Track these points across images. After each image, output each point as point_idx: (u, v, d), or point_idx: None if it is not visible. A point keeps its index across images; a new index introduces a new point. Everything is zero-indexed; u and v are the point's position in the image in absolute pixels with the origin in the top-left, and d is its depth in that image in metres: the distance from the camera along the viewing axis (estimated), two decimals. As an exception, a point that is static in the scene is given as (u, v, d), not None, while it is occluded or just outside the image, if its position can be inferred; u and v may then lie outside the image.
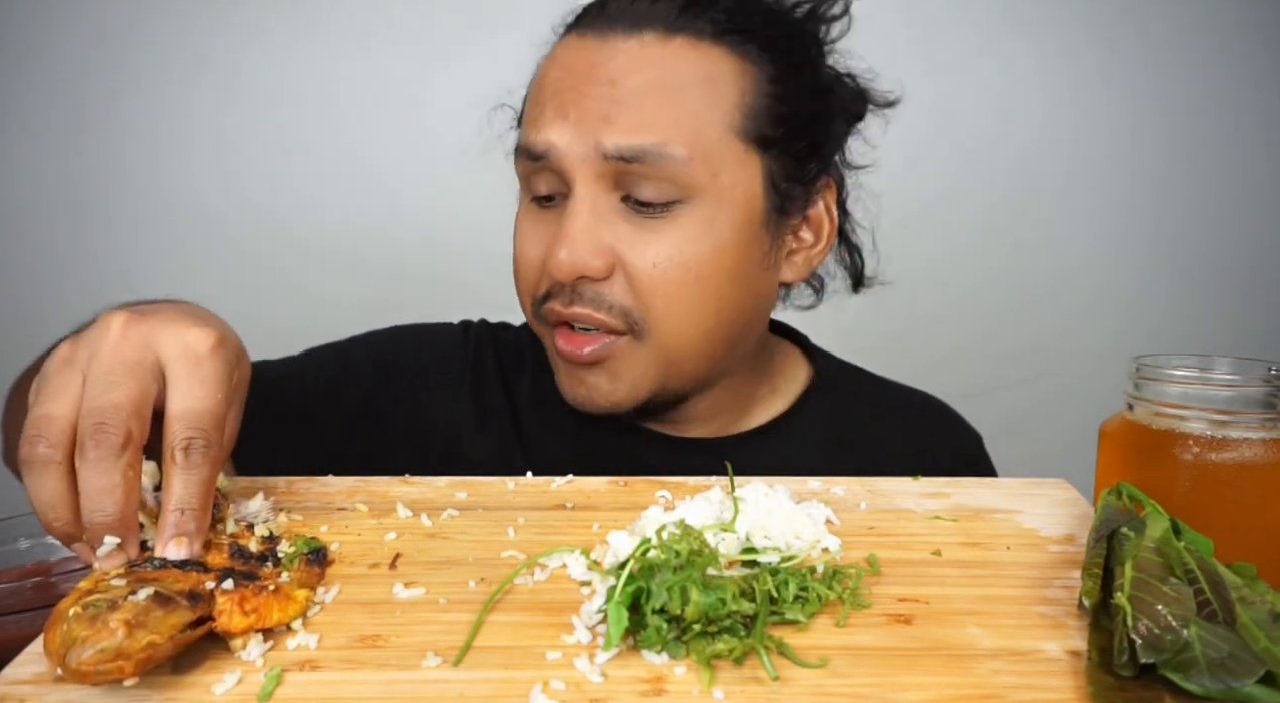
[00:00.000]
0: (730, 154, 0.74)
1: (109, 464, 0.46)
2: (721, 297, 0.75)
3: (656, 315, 0.74)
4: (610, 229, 0.73)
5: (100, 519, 0.46)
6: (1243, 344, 1.71)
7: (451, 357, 0.91)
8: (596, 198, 0.73)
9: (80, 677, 0.39)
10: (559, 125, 0.72)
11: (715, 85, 0.73)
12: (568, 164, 0.73)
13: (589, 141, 0.71)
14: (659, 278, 0.73)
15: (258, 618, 0.44)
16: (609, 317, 0.74)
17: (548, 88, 0.75)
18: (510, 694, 0.41)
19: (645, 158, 0.71)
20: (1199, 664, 0.40)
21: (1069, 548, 0.57)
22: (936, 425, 0.94)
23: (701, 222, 0.73)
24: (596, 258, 0.72)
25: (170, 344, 0.50)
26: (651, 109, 0.71)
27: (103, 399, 0.47)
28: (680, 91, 0.72)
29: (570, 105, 0.72)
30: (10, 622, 0.55)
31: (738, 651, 0.43)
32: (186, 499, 0.48)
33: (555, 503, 0.63)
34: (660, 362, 0.76)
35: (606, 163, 0.72)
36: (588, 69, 0.73)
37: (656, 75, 0.72)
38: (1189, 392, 0.56)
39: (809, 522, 0.55)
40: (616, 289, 0.74)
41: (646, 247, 0.73)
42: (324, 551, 0.52)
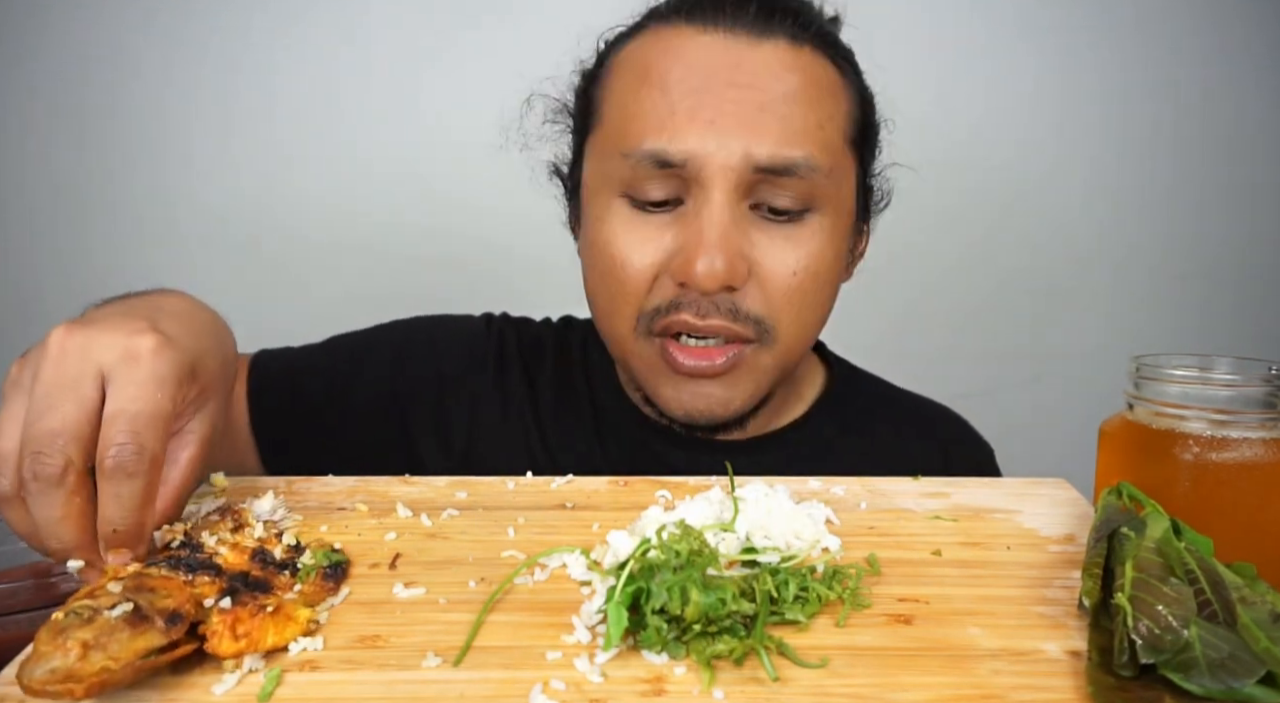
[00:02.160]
0: (846, 164, 0.76)
1: (51, 497, 0.46)
2: (829, 298, 0.78)
3: (787, 322, 0.74)
4: (745, 237, 0.71)
5: (57, 546, 0.46)
6: (1243, 344, 1.71)
7: (475, 348, 0.90)
8: (735, 205, 0.70)
9: (32, 693, 0.38)
10: (702, 131, 0.69)
11: (836, 95, 0.75)
12: (709, 171, 0.69)
13: (736, 150, 0.69)
14: (795, 286, 0.73)
15: (249, 643, 0.43)
16: (743, 327, 0.72)
17: (674, 87, 0.71)
18: (510, 694, 0.41)
19: (796, 169, 0.70)
20: (1199, 665, 0.40)
21: (1069, 548, 0.57)
22: (948, 436, 0.94)
23: (828, 229, 0.74)
24: (741, 264, 0.70)
25: (109, 349, 0.49)
26: (798, 118, 0.70)
27: (37, 427, 0.46)
28: (814, 102, 0.72)
29: (713, 109, 0.69)
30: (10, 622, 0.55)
31: (738, 651, 0.43)
32: (117, 516, 0.47)
33: (555, 503, 0.63)
34: (778, 365, 0.76)
35: (753, 173, 0.69)
36: (726, 70, 0.70)
37: (797, 84, 0.71)
38: (1189, 392, 0.56)
39: (809, 522, 0.55)
40: (750, 297, 0.72)
41: (784, 254, 0.72)
42: (344, 566, 0.52)
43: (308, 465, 0.70)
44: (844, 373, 0.94)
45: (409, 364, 0.89)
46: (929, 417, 0.95)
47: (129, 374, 0.48)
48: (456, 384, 0.88)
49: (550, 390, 0.89)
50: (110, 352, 0.49)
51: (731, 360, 0.73)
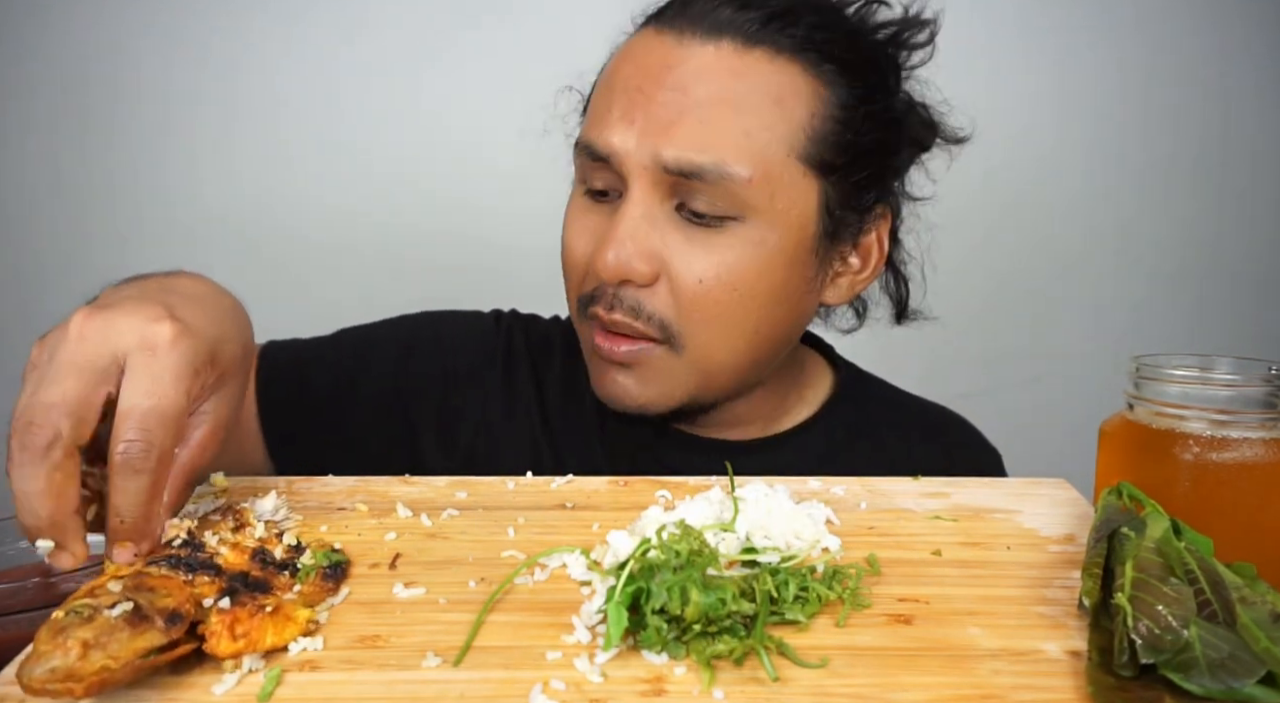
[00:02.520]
0: (789, 177, 0.72)
1: (33, 468, 0.45)
2: (761, 316, 0.75)
3: (694, 330, 0.73)
4: (661, 236, 0.72)
5: (30, 522, 0.45)
6: (1243, 344, 1.71)
7: (484, 344, 0.91)
8: (651, 203, 0.72)
9: (31, 692, 0.38)
10: (623, 128, 0.71)
11: (785, 104, 0.72)
12: (626, 167, 0.72)
13: (649, 150, 0.70)
14: (702, 293, 0.72)
15: (247, 643, 0.42)
16: (646, 326, 0.73)
17: (618, 84, 0.74)
18: (510, 694, 0.41)
19: (704, 175, 0.70)
20: (1199, 665, 0.40)
21: (1069, 548, 0.57)
22: (956, 441, 0.94)
23: (753, 241, 0.72)
24: (644, 263, 0.71)
25: (127, 336, 0.48)
26: (716, 124, 0.70)
27: (35, 398, 0.46)
28: (749, 108, 0.70)
29: (637, 108, 0.71)
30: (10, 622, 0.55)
31: (738, 651, 0.43)
32: (125, 508, 0.47)
33: (555, 503, 0.63)
34: (694, 375, 0.76)
35: (665, 173, 0.71)
36: (659, 71, 0.72)
37: (727, 88, 0.70)
38: (1189, 392, 0.56)
39: (809, 522, 0.55)
40: (658, 298, 0.73)
41: (695, 259, 0.72)
42: (344, 566, 0.52)
43: (315, 458, 0.70)
44: (851, 377, 0.94)
45: (416, 359, 0.89)
46: (936, 422, 0.95)
47: (145, 366, 0.48)
48: (463, 380, 0.88)
49: (557, 388, 0.90)
50: (128, 338, 0.49)
51: (633, 355, 0.74)
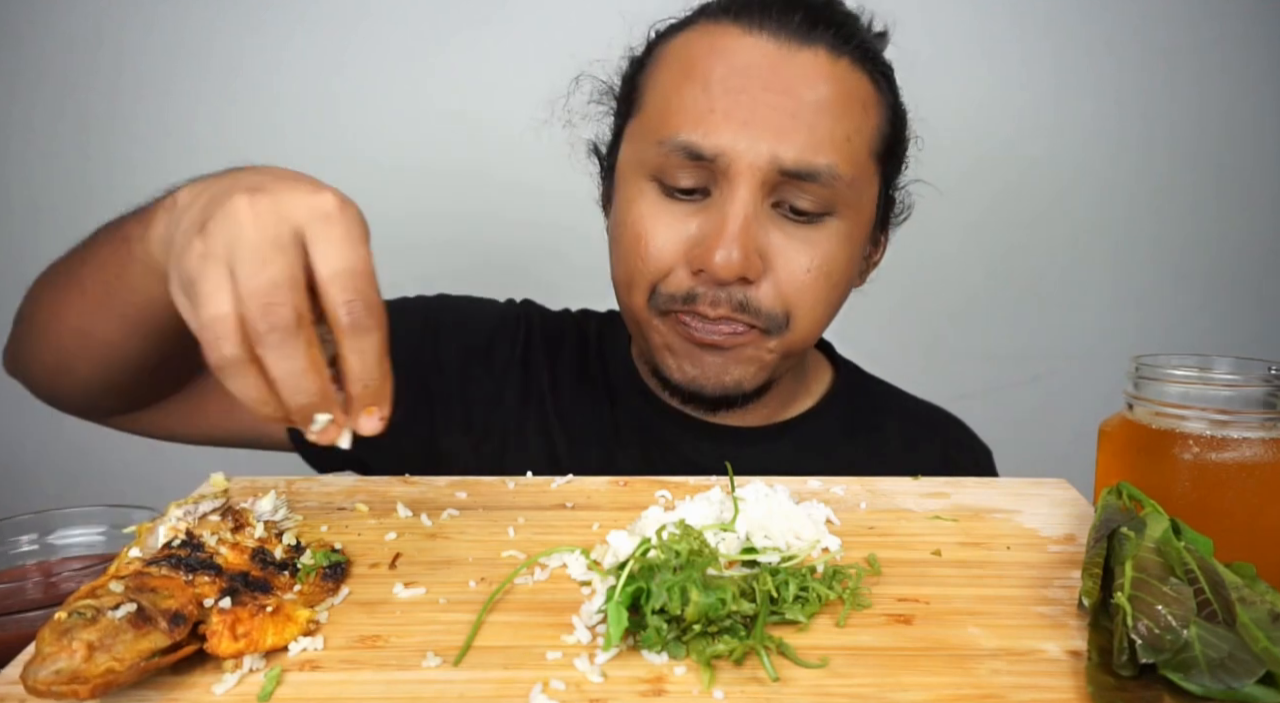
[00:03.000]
0: (869, 173, 0.78)
1: (291, 346, 0.46)
2: (840, 301, 0.81)
3: (798, 316, 0.77)
4: (764, 234, 0.74)
5: (304, 401, 0.46)
6: (1243, 344, 1.71)
7: (503, 328, 0.93)
8: (757, 202, 0.74)
9: (37, 694, 0.38)
10: (734, 130, 0.72)
11: (868, 109, 0.77)
12: (738, 169, 0.72)
13: (765, 152, 0.72)
14: (809, 283, 0.75)
15: (249, 643, 0.43)
16: (754, 320, 0.75)
17: (715, 84, 0.74)
18: (510, 694, 0.41)
19: (818, 176, 0.72)
20: (1199, 664, 0.40)
21: (1069, 548, 0.57)
22: (949, 437, 0.96)
23: (845, 234, 0.76)
24: (757, 259, 0.74)
25: (299, 210, 0.48)
26: (826, 127, 0.73)
27: (259, 280, 0.46)
28: (847, 113, 0.74)
29: (747, 111, 0.72)
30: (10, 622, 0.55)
31: (738, 652, 0.43)
32: (365, 369, 0.48)
33: (555, 503, 0.63)
34: (782, 355, 0.79)
35: (779, 174, 0.72)
36: (766, 73, 0.73)
37: (832, 93, 0.74)
38: (1189, 392, 0.56)
39: (809, 522, 0.55)
40: (764, 293, 0.75)
41: (800, 254, 0.75)
42: (343, 566, 0.52)
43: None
44: (851, 374, 0.97)
45: (437, 335, 0.90)
46: (932, 418, 0.98)
47: (328, 234, 0.48)
48: (483, 362, 0.90)
49: (570, 377, 0.91)
50: (300, 212, 0.48)
51: (734, 338, 0.77)
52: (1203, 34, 1.65)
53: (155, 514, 0.58)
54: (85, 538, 0.67)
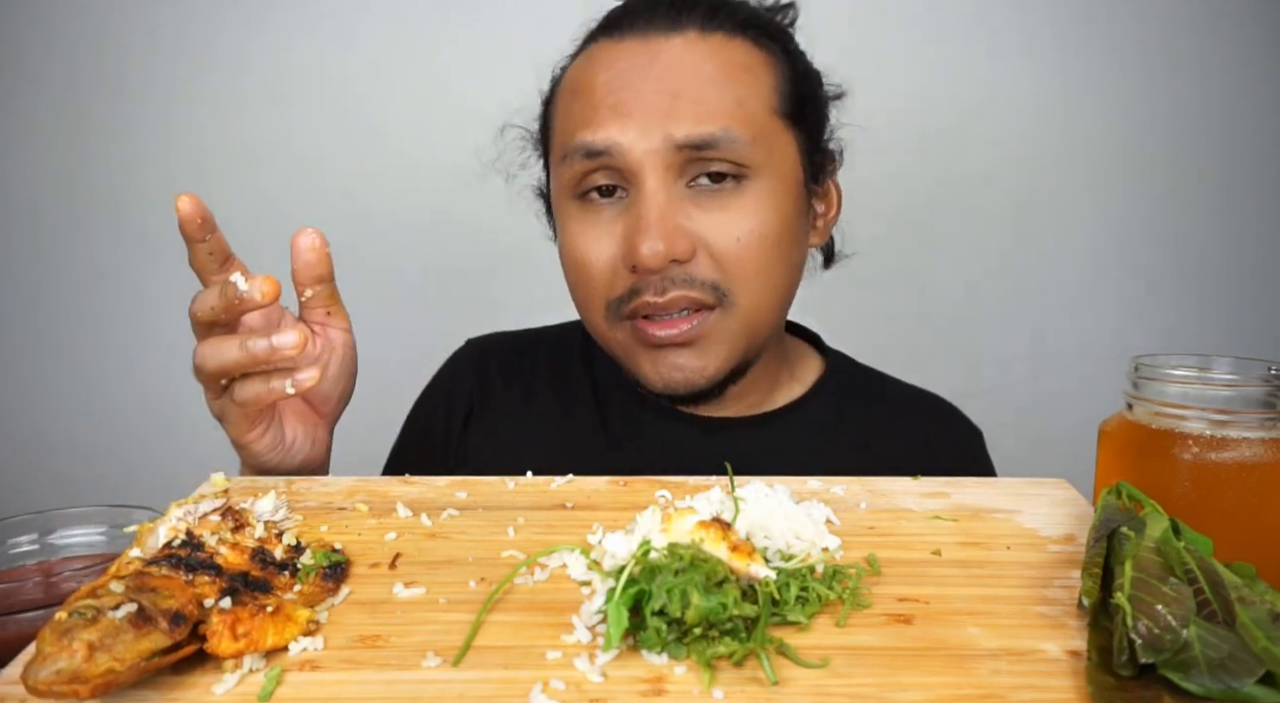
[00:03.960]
0: (776, 133, 0.79)
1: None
2: (787, 261, 0.81)
3: (742, 285, 0.78)
4: (685, 214, 0.77)
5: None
6: (1243, 344, 1.71)
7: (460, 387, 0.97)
8: (668, 185, 0.76)
9: (38, 694, 0.38)
10: (620, 122, 0.75)
11: (755, 73, 0.79)
12: (634, 158, 0.75)
13: (656, 135, 0.75)
14: (742, 250, 0.77)
15: (249, 643, 0.43)
16: (701, 293, 0.77)
17: (598, 89, 0.78)
18: (510, 694, 0.41)
19: (716, 143, 0.75)
20: (1198, 664, 0.40)
21: (1069, 548, 0.57)
22: (940, 419, 0.97)
23: (767, 194, 0.78)
24: (682, 240, 0.76)
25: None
26: (712, 98, 0.76)
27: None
28: (730, 80, 0.77)
29: (631, 102, 0.76)
30: (10, 622, 0.55)
31: (738, 654, 0.43)
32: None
33: (555, 503, 0.63)
34: (745, 330, 0.80)
35: (677, 152, 0.75)
36: (639, 67, 0.77)
37: (708, 67, 0.77)
38: (1189, 392, 0.56)
39: (809, 522, 0.55)
40: (701, 267, 0.77)
41: (725, 223, 0.77)
42: (343, 566, 0.52)
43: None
44: (839, 361, 0.98)
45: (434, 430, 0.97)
46: (922, 400, 0.99)
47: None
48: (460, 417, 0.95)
49: (549, 391, 0.93)
50: None
51: (696, 328, 0.78)
52: (1204, 34, 1.65)
53: (155, 514, 0.58)
54: (85, 538, 0.67)
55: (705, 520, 0.49)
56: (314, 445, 0.77)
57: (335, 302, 0.75)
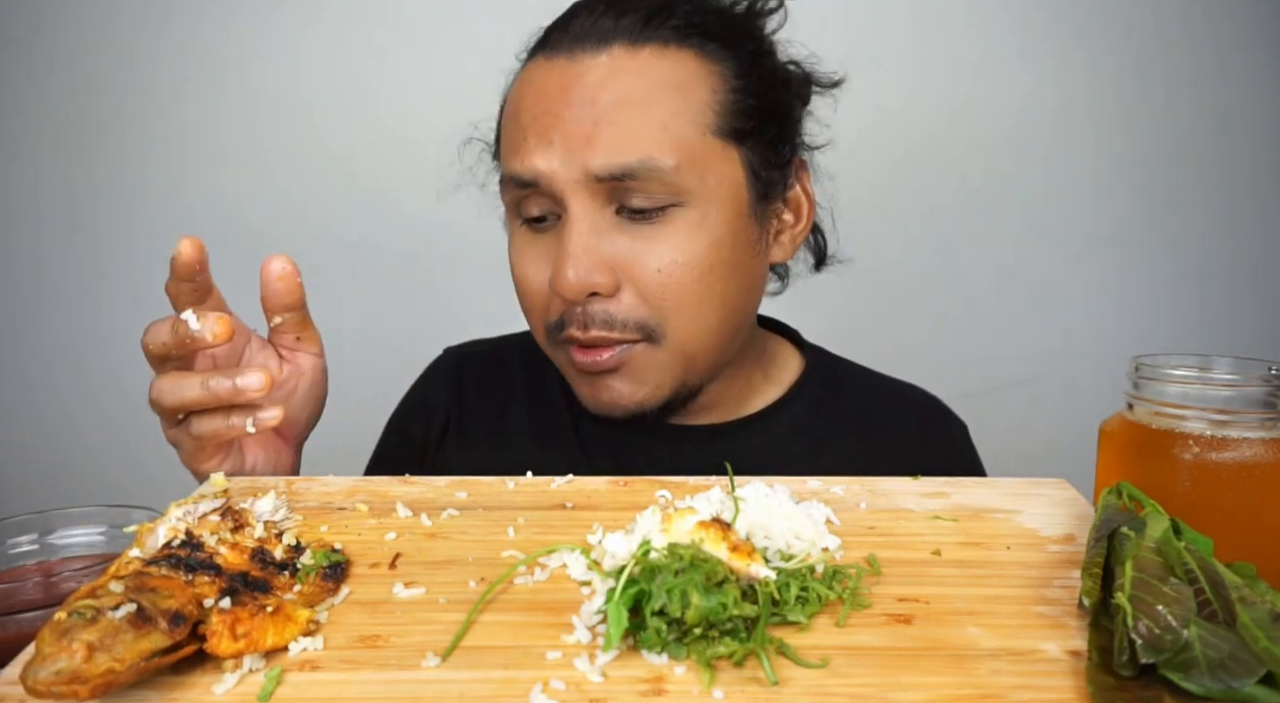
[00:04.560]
0: (711, 153, 0.75)
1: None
2: (725, 288, 0.77)
3: (669, 318, 0.75)
4: (610, 243, 0.74)
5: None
6: (1243, 344, 1.71)
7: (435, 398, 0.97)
8: (593, 214, 0.74)
9: (37, 695, 0.38)
10: (543, 151, 0.73)
11: (687, 89, 0.74)
12: (558, 187, 0.74)
13: (576, 165, 0.72)
14: (666, 281, 0.74)
15: (248, 643, 0.42)
16: (623, 332, 0.75)
17: (524, 113, 0.76)
18: (510, 694, 0.41)
19: (635, 174, 0.72)
20: (1199, 665, 0.40)
21: (1069, 548, 0.57)
22: (924, 412, 0.96)
23: (696, 221, 0.75)
24: (601, 273, 0.74)
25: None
26: (632, 124, 0.72)
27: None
28: (656, 102, 0.73)
29: (552, 129, 0.73)
30: (10, 622, 0.55)
31: (738, 654, 0.43)
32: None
33: (555, 503, 0.63)
34: (678, 361, 0.78)
35: (597, 183, 0.73)
36: (562, 90, 0.74)
37: (630, 89, 0.73)
38: (1189, 392, 0.56)
39: (809, 522, 0.55)
40: (625, 303, 0.75)
41: (648, 254, 0.74)
42: (343, 566, 0.52)
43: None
44: (818, 357, 0.96)
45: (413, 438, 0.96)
46: (903, 394, 0.97)
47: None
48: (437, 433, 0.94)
49: (522, 404, 0.93)
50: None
51: (618, 358, 0.77)
52: (1203, 34, 1.65)
53: (155, 514, 0.58)
54: (85, 538, 0.67)
55: (705, 520, 0.49)
56: (277, 469, 0.76)
57: (306, 327, 0.73)
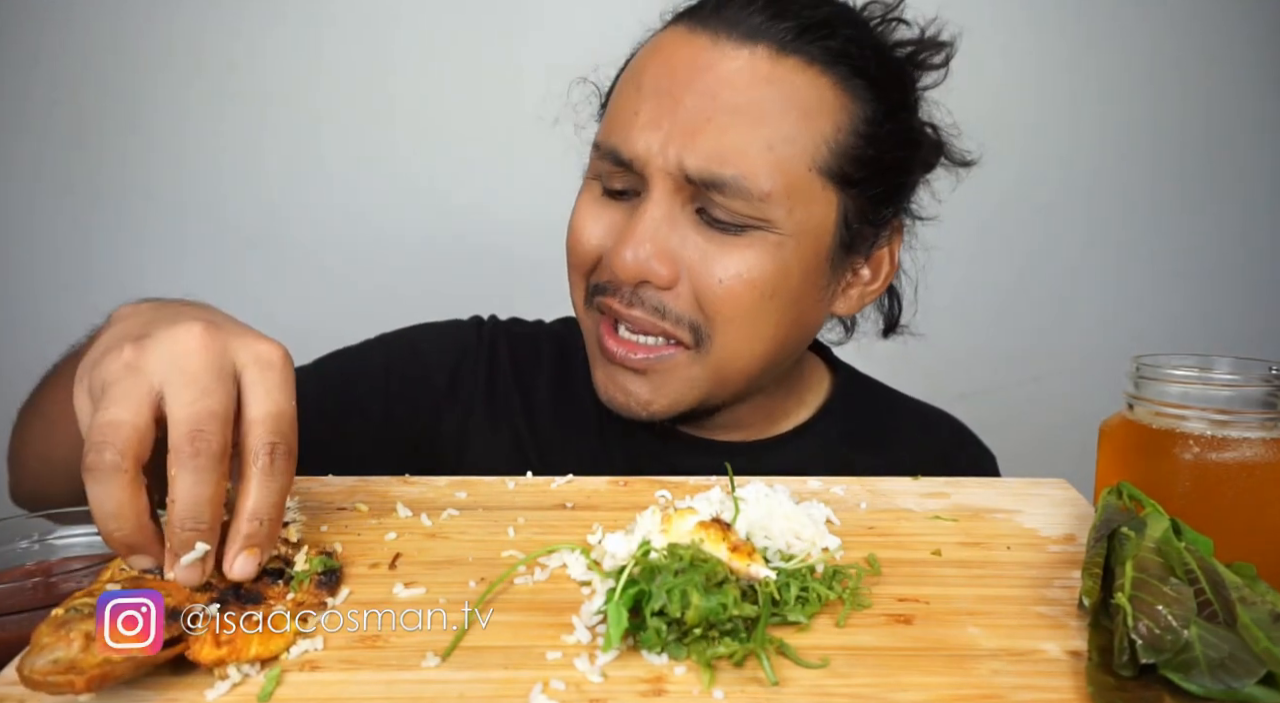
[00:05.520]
0: (809, 190, 0.72)
1: (210, 474, 0.45)
2: (779, 320, 0.75)
3: (720, 329, 0.73)
4: (681, 239, 0.72)
5: (193, 527, 0.45)
6: (1243, 344, 1.71)
7: (463, 355, 0.91)
8: (673, 206, 0.72)
9: (32, 685, 0.38)
10: (649, 132, 0.71)
11: (811, 117, 0.71)
12: (650, 172, 0.72)
13: (674, 156, 0.70)
14: (724, 293, 0.72)
15: (230, 651, 0.42)
16: (674, 327, 0.73)
17: (646, 84, 0.73)
18: (510, 694, 0.41)
19: (724, 187, 0.70)
20: (1199, 665, 0.40)
21: (1069, 548, 0.57)
22: (953, 443, 0.94)
23: (771, 247, 0.72)
24: (663, 264, 0.72)
25: (244, 352, 0.49)
26: (741, 134, 0.70)
27: (197, 406, 0.45)
28: (774, 119, 0.70)
29: (665, 113, 0.71)
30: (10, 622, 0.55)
31: (739, 654, 0.43)
32: (265, 509, 0.47)
33: (555, 503, 0.63)
34: (711, 378, 0.76)
35: (686, 180, 0.71)
36: (689, 73, 0.71)
37: (756, 97, 0.70)
38: (1189, 392, 0.56)
39: (809, 522, 0.55)
40: (681, 300, 0.73)
41: (714, 261, 0.72)
42: (338, 572, 0.51)
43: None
44: (848, 380, 0.94)
45: (398, 382, 0.89)
46: (933, 424, 0.95)
47: (267, 378, 0.48)
48: (443, 395, 0.88)
49: (546, 394, 0.89)
50: (248, 353, 0.49)
51: (652, 361, 0.75)
52: (1204, 35, 1.65)
53: (155, 514, 0.58)
54: (85, 538, 0.67)
55: (705, 521, 0.49)
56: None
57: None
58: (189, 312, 0.52)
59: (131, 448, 0.44)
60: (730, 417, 0.84)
